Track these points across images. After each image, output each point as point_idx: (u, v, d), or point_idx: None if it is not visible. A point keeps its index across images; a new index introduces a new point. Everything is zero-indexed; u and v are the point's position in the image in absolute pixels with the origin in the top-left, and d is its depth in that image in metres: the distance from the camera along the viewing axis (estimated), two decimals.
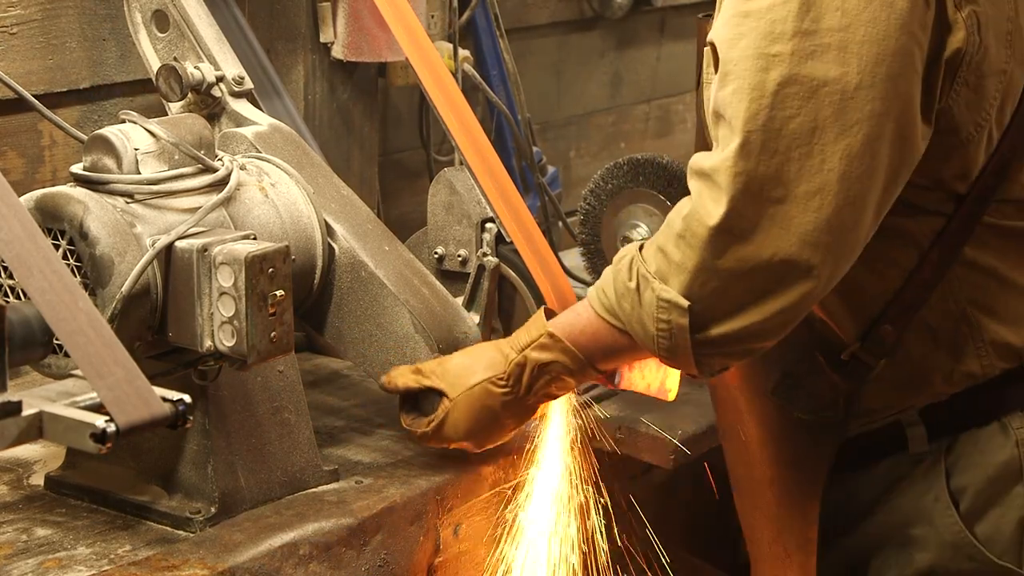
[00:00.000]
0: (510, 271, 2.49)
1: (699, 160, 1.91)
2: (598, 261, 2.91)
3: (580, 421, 2.49)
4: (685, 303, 1.91)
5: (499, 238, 2.49)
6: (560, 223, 3.40)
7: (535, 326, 2.16)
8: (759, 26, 1.84)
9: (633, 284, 1.97)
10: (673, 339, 1.94)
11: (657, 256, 1.95)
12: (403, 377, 2.27)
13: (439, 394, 2.24)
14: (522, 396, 2.16)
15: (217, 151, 2.35)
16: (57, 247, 2.14)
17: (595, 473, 2.44)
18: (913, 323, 1.98)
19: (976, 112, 1.91)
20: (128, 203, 2.19)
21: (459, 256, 2.51)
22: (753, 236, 1.86)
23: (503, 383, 2.17)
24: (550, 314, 2.17)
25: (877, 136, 1.83)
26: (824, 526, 2.17)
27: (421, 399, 2.32)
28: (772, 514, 2.28)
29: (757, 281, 1.88)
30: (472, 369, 2.20)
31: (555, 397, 2.22)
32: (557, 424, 2.54)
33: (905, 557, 2.06)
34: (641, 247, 1.99)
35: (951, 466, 1.99)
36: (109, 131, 2.24)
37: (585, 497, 2.45)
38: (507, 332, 2.51)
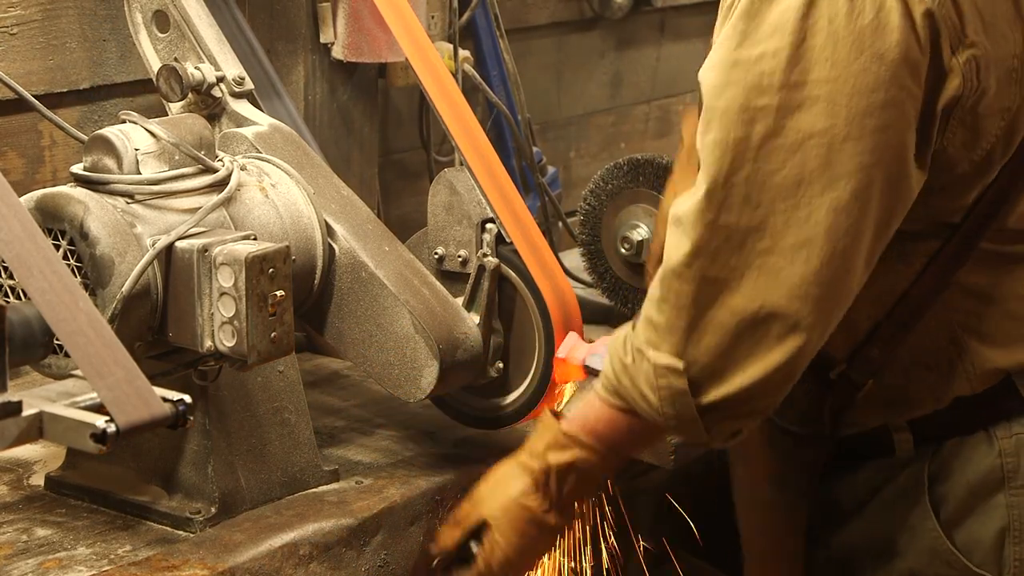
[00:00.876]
0: (510, 272, 2.49)
1: (674, 207, 1.91)
2: (598, 261, 2.91)
3: None
4: (680, 364, 1.89)
5: (499, 239, 2.49)
6: (560, 223, 3.40)
7: (547, 428, 2.09)
8: (747, 78, 1.82)
9: (629, 359, 1.95)
10: (677, 406, 1.91)
11: (646, 326, 1.93)
12: (447, 534, 2.19)
13: (477, 536, 2.16)
14: (557, 502, 2.07)
15: (217, 151, 2.35)
16: (57, 247, 2.14)
17: None
18: (903, 344, 1.97)
19: (972, 150, 1.90)
20: (128, 203, 2.19)
21: (459, 256, 2.51)
22: (740, 287, 1.85)
23: (535, 496, 2.08)
24: (556, 413, 2.13)
25: (865, 188, 1.82)
26: (812, 525, 2.17)
27: (465, 553, 2.20)
28: (765, 516, 2.28)
29: (748, 335, 1.86)
30: (501, 491, 2.11)
31: (592, 494, 2.16)
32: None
33: (885, 561, 2.06)
34: (634, 325, 1.98)
35: (934, 473, 1.98)
36: (109, 131, 2.24)
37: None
38: (507, 332, 2.51)
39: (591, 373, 2.37)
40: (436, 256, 2.53)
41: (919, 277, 1.94)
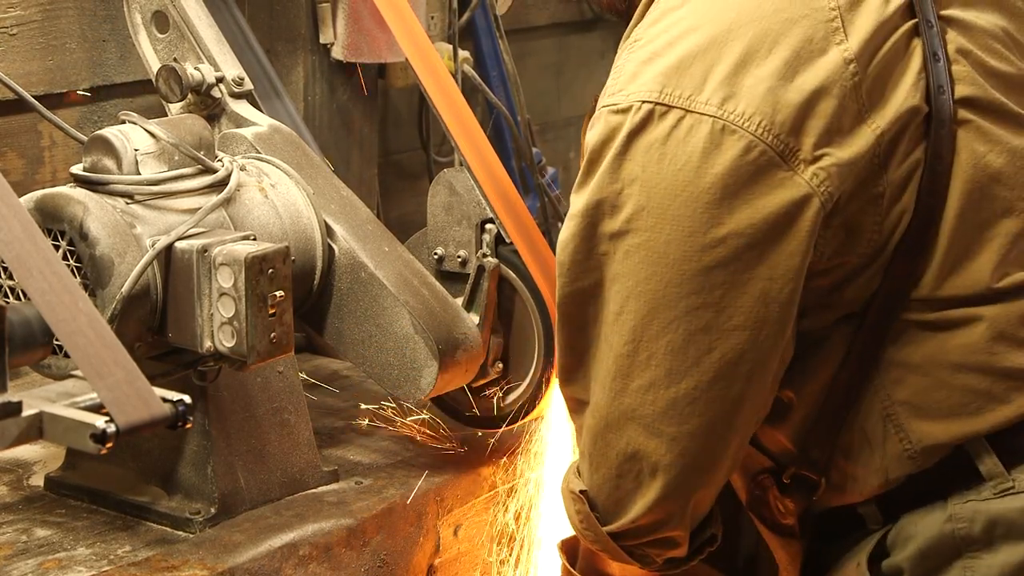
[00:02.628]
0: (510, 272, 2.49)
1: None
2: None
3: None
4: (578, 489, 1.96)
5: (499, 239, 2.49)
6: (560, 224, 3.39)
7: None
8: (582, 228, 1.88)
9: (564, 484, 2.02)
10: (594, 531, 1.97)
11: (579, 451, 2.00)
12: None
13: None
14: None
15: (217, 152, 2.35)
16: (57, 248, 2.14)
17: None
18: (842, 431, 1.95)
19: (857, 246, 1.86)
20: (128, 204, 2.19)
21: (459, 257, 2.51)
22: (613, 423, 1.90)
23: None
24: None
25: (701, 328, 1.83)
26: None
27: None
28: None
29: (627, 469, 1.90)
30: None
31: None
32: (558, 425, 2.54)
33: None
34: None
35: (892, 542, 1.96)
36: (109, 132, 2.24)
37: None
38: (507, 333, 2.51)
39: None
40: (436, 256, 2.53)
41: (844, 361, 1.92)
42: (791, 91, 1.80)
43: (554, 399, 2.51)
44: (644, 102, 1.82)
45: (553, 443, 2.55)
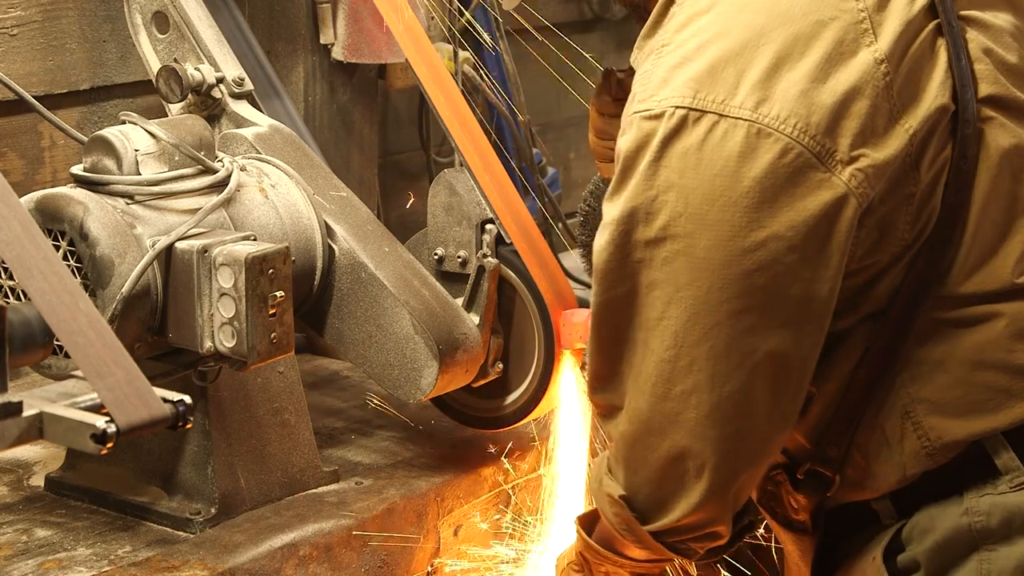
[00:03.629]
0: (510, 272, 2.49)
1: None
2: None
3: (583, 422, 2.50)
4: (618, 494, 1.97)
5: (499, 239, 2.49)
6: (560, 224, 3.40)
7: (575, 542, 2.18)
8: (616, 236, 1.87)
9: (596, 484, 2.04)
10: (634, 532, 1.98)
11: (610, 457, 2.02)
12: None
13: None
14: None
15: (217, 152, 2.35)
16: (57, 248, 2.14)
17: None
18: (859, 428, 1.96)
19: (889, 245, 1.87)
20: (128, 204, 2.19)
21: (459, 257, 2.51)
22: (655, 427, 1.91)
23: None
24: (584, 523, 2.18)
25: (743, 331, 1.83)
26: None
27: None
28: None
29: (671, 470, 1.92)
30: None
31: None
32: (559, 426, 2.54)
33: None
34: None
35: (907, 537, 1.97)
36: (109, 132, 2.24)
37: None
38: (507, 333, 2.51)
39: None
40: (436, 257, 2.53)
41: (863, 359, 1.93)
42: (824, 93, 1.80)
43: (554, 400, 2.51)
44: (677, 107, 1.81)
45: (557, 443, 2.56)
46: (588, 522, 2.13)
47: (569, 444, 2.56)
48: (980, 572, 1.90)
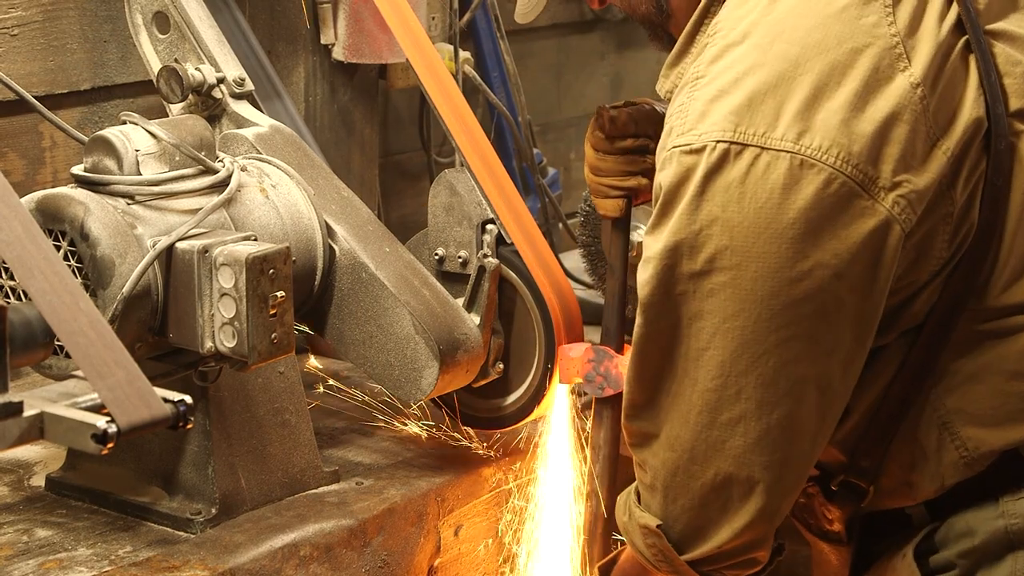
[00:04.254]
0: (511, 272, 2.49)
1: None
2: (598, 263, 2.91)
3: (582, 422, 2.49)
4: (654, 524, 1.97)
5: (499, 239, 2.49)
6: (560, 225, 3.40)
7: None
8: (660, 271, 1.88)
9: (626, 517, 2.04)
10: (670, 562, 1.99)
11: (637, 485, 2.02)
12: None
13: None
14: None
15: (218, 152, 2.35)
16: (58, 248, 2.14)
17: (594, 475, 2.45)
18: (895, 440, 1.97)
19: (927, 264, 1.89)
20: (129, 204, 2.19)
21: (460, 257, 2.51)
22: (698, 455, 1.91)
23: None
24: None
25: (791, 359, 1.84)
26: None
27: None
28: None
29: (713, 498, 1.93)
30: None
31: None
32: (559, 426, 2.54)
33: None
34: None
35: (941, 539, 1.98)
36: (110, 132, 2.24)
37: (587, 497, 2.45)
38: (507, 334, 2.51)
39: (580, 392, 2.42)
40: (436, 257, 2.53)
41: (898, 373, 1.94)
42: (864, 121, 1.81)
43: (555, 400, 2.51)
44: (719, 142, 1.81)
45: (554, 445, 2.55)
46: (608, 568, 2.15)
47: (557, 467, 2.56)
48: (1014, 571, 1.91)
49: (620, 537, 2.12)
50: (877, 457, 1.98)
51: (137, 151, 2.23)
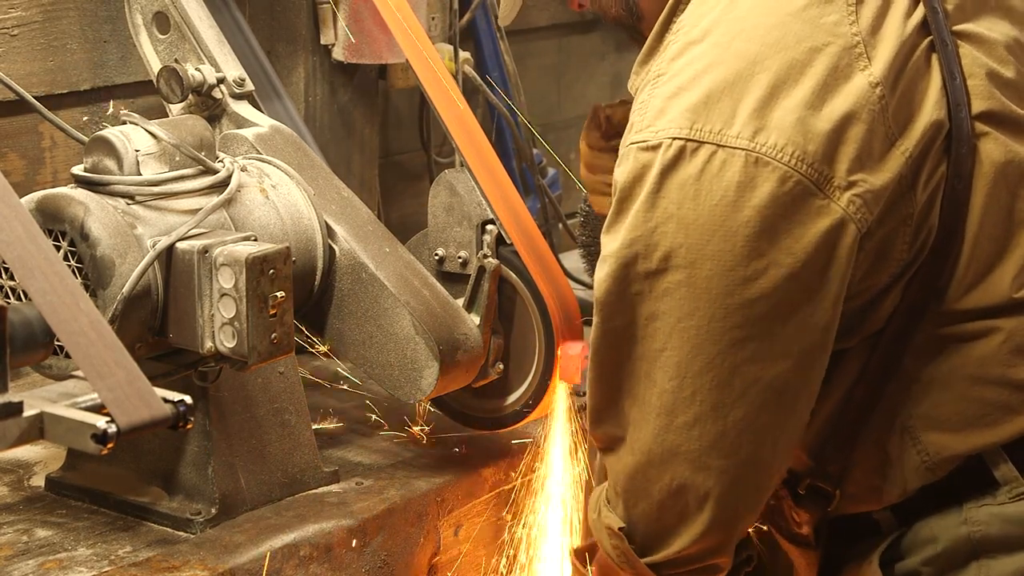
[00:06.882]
0: (511, 273, 2.49)
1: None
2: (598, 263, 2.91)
3: (582, 422, 2.50)
4: (617, 526, 1.96)
5: (499, 240, 2.49)
6: (560, 225, 3.40)
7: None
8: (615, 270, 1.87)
9: (595, 515, 2.03)
10: (632, 564, 1.97)
11: (608, 488, 2.01)
12: None
13: None
14: None
15: (218, 153, 2.35)
16: (58, 248, 2.14)
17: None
18: (858, 444, 1.96)
19: (887, 267, 1.87)
20: (129, 204, 2.20)
21: (459, 258, 2.51)
22: (655, 458, 1.89)
23: None
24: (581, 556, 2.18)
25: (746, 360, 1.83)
26: None
27: None
28: None
29: (671, 503, 1.91)
30: None
31: None
32: (558, 426, 2.54)
33: None
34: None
35: (907, 546, 1.97)
36: (110, 132, 2.24)
37: (586, 494, 2.45)
38: (507, 334, 2.51)
39: (580, 392, 2.42)
40: (436, 257, 2.53)
41: (860, 376, 1.92)
42: (820, 120, 1.79)
43: (555, 400, 2.51)
44: (675, 139, 1.80)
45: (554, 447, 2.56)
46: (584, 554, 2.13)
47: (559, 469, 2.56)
48: None
49: None
50: (841, 461, 1.97)
51: (137, 151, 2.23)
